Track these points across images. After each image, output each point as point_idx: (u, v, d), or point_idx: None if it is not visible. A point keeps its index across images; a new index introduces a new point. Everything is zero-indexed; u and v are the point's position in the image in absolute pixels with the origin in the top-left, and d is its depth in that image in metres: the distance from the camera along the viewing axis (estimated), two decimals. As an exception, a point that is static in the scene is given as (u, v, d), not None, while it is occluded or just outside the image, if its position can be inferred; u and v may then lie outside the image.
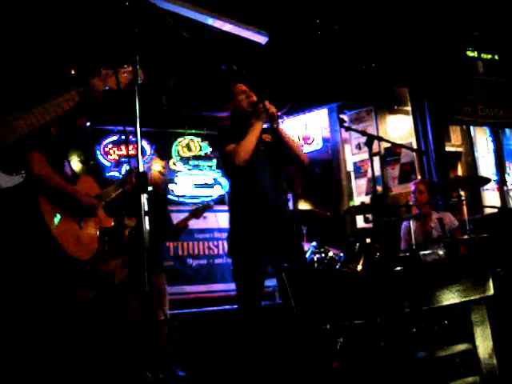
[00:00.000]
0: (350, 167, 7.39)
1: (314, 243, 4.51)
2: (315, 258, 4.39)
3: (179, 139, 7.19)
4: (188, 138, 7.24)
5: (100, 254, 4.43)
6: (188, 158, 7.15)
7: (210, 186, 7.17)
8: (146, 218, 2.04)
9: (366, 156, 6.82)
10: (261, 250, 3.11)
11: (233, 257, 3.30)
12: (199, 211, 4.65)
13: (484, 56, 7.04)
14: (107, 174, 6.63)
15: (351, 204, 7.15)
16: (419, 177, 6.44)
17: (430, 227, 4.88)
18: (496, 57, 7.09)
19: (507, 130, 8.41)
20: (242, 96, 3.34)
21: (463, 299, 1.64)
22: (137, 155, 2.11)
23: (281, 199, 3.25)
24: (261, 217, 3.14)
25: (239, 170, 3.20)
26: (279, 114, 3.29)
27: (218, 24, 5.58)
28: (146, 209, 2.06)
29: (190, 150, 7.20)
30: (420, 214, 4.90)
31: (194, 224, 6.23)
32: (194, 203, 6.84)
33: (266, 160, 3.26)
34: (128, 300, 4.27)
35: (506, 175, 8.15)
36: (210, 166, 7.24)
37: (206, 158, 7.27)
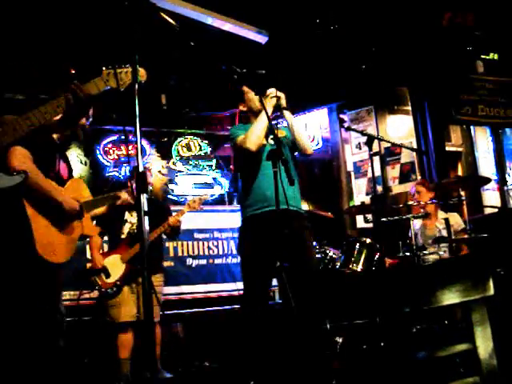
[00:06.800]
0: (350, 167, 7.38)
1: (313, 243, 4.51)
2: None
3: (179, 139, 7.18)
4: (188, 137, 7.23)
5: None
6: (188, 158, 7.15)
7: (210, 185, 7.17)
8: (146, 217, 2.04)
9: (366, 156, 6.82)
10: (269, 249, 3.10)
11: (241, 254, 3.31)
12: (196, 203, 4.64)
13: (484, 56, 7.04)
14: (107, 174, 6.63)
15: (351, 204, 7.15)
16: (419, 177, 6.44)
17: (436, 227, 4.87)
18: (496, 57, 7.08)
19: (507, 130, 8.41)
20: (250, 94, 3.41)
21: (463, 299, 1.64)
22: (136, 155, 2.11)
23: (292, 197, 3.25)
24: (271, 215, 3.11)
25: (251, 161, 3.21)
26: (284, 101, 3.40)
27: (217, 23, 5.58)
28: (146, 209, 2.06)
29: (189, 149, 7.19)
30: (424, 214, 4.90)
31: (193, 224, 6.26)
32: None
33: (277, 158, 3.25)
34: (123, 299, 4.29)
35: (507, 175, 8.14)
36: (210, 166, 7.24)
37: (206, 157, 7.26)
